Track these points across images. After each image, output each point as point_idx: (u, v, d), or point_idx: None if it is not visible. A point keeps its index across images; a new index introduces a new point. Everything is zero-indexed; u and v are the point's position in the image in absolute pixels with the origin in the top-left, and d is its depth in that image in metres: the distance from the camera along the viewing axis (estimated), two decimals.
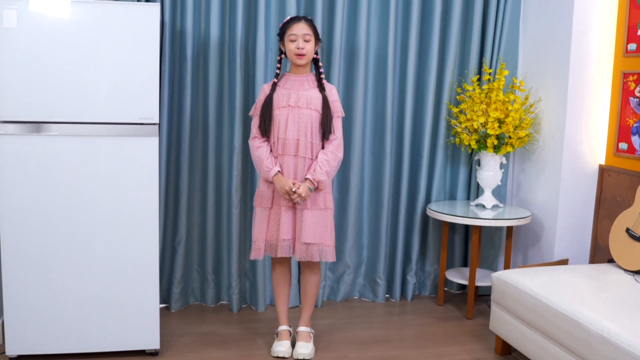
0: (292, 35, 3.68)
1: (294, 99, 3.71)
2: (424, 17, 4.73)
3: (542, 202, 4.62)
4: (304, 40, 3.68)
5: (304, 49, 3.68)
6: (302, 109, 3.70)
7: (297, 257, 3.74)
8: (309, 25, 3.70)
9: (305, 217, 3.71)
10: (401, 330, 4.37)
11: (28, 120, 3.46)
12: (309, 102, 3.72)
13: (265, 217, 3.78)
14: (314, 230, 3.72)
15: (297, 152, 3.71)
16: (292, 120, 3.70)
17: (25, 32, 3.39)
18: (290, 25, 3.69)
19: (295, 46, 3.68)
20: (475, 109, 4.51)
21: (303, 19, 3.71)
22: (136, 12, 3.51)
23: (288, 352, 3.86)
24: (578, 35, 4.32)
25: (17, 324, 3.59)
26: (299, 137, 3.70)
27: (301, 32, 3.67)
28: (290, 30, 3.68)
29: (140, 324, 3.73)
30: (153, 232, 3.67)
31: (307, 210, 3.71)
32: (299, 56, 3.69)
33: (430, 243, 4.98)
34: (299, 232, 3.71)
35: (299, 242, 3.72)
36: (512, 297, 3.67)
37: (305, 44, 3.68)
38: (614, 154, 4.31)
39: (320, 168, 3.69)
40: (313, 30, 3.72)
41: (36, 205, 3.52)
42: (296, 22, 3.69)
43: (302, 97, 3.72)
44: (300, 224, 3.71)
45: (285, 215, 3.72)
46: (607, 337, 2.94)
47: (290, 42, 3.69)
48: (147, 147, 3.60)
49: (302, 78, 3.77)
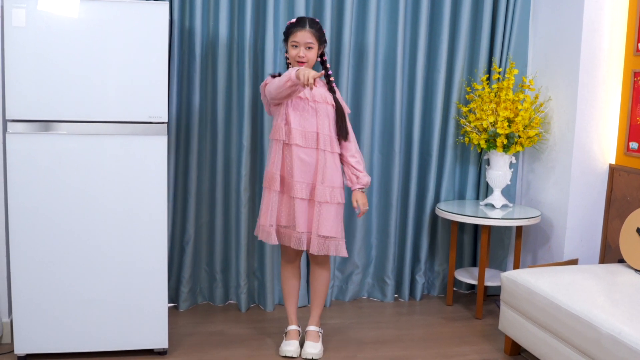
0: (294, 42, 3.67)
1: (310, 94, 3.70)
2: (433, 16, 4.72)
3: (551, 202, 4.60)
4: (306, 48, 3.66)
5: (304, 57, 3.66)
6: (319, 103, 3.70)
7: (312, 250, 3.70)
8: (313, 33, 3.66)
9: (324, 210, 3.69)
10: (410, 330, 4.35)
11: (37, 119, 3.47)
12: (323, 97, 3.71)
13: (276, 201, 3.74)
14: (332, 224, 3.71)
15: (317, 145, 3.69)
16: (310, 112, 3.69)
17: (34, 31, 3.39)
18: (294, 31, 3.67)
19: (296, 53, 3.66)
20: (485, 108, 4.50)
21: (308, 25, 3.67)
22: (145, 10, 3.51)
23: (296, 352, 3.86)
24: (588, 34, 4.30)
25: (26, 323, 3.60)
26: (318, 130, 3.68)
27: (303, 40, 3.64)
28: (294, 37, 3.66)
29: (149, 323, 3.73)
30: (161, 231, 3.67)
31: (326, 204, 3.69)
32: (299, 63, 3.67)
33: (439, 243, 4.97)
34: (317, 224, 3.69)
35: (315, 235, 3.69)
36: (521, 297, 3.65)
37: (307, 52, 3.66)
38: (624, 154, 4.29)
39: (359, 171, 3.78)
40: (317, 37, 3.68)
41: (45, 204, 3.52)
42: (300, 30, 3.65)
43: (316, 92, 3.71)
44: (319, 217, 3.68)
45: (300, 207, 3.70)
46: (619, 337, 2.92)
47: (292, 47, 3.68)
48: (156, 145, 3.59)
49: None
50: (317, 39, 3.69)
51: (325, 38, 3.77)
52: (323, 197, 3.68)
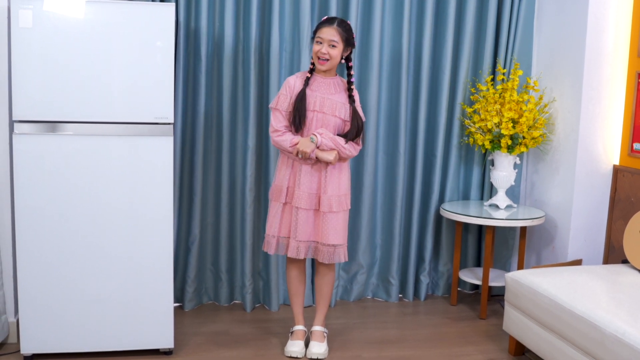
0: (318, 38, 3.64)
1: (319, 104, 3.69)
2: (438, 17, 4.73)
3: (556, 203, 4.61)
4: (329, 46, 3.63)
5: (326, 54, 3.62)
6: (327, 115, 3.69)
7: (322, 259, 3.73)
8: (339, 32, 3.62)
9: (332, 219, 3.71)
10: (414, 330, 4.36)
11: (43, 120, 3.48)
12: (333, 109, 3.69)
13: (279, 212, 3.77)
14: (340, 232, 3.75)
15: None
16: (319, 125, 3.69)
17: (40, 32, 3.41)
18: (320, 27, 3.65)
19: (318, 49, 3.64)
20: (489, 109, 4.50)
21: (336, 23, 3.64)
22: (151, 11, 3.53)
23: (301, 352, 3.87)
24: (593, 35, 4.31)
25: (32, 323, 3.61)
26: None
27: (328, 37, 3.61)
28: (319, 32, 3.64)
29: (155, 323, 3.74)
30: (167, 231, 3.68)
31: (332, 214, 3.71)
32: (321, 61, 3.66)
33: (443, 243, 4.98)
34: (326, 234, 3.71)
35: (324, 245, 3.71)
36: (526, 298, 3.66)
37: (330, 50, 3.62)
38: (628, 154, 4.29)
39: (343, 147, 3.66)
40: (343, 37, 3.64)
41: (51, 204, 3.54)
42: (327, 26, 3.63)
43: (326, 102, 3.69)
44: (327, 226, 3.70)
45: (303, 217, 3.71)
46: (622, 338, 2.93)
47: (317, 43, 3.65)
48: (162, 146, 3.61)
49: (328, 81, 3.74)
50: (343, 39, 3.64)
51: (353, 41, 3.73)
52: (329, 207, 3.70)
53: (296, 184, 3.71)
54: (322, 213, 3.70)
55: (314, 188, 3.71)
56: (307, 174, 3.70)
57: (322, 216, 3.70)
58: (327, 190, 3.70)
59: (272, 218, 3.80)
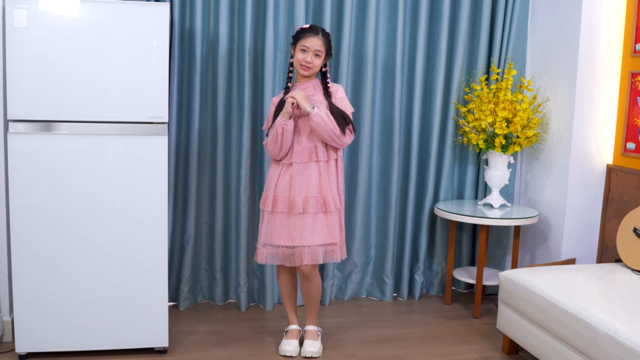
0: (304, 47, 3.67)
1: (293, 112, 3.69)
2: (432, 17, 4.74)
3: (549, 202, 4.62)
4: (314, 55, 3.67)
5: (310, 63, 3.67)
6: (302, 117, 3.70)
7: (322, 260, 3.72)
8: (324, 42, 3.68)
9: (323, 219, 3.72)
10: (409, 329, 4.37)
11: (38, 119, 3.49)
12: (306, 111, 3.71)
13: (267, 220, 3.78)
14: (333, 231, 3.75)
15: (317, 158, 3.71)
16: (304, 128, 3.71)
17: (35, 31, 3.41)
18: (305, 36, 3.67)
19: (303, 58, 3.67)
20: (484, 108, 4.52)
21: (321, 33, 3.68)
22: (146, 11, 3.53)
23: (296, 351, 3.87)
24: (586, 35, 4.32)
25: (27, 321, 3.62)
26: (316, 142, 3.71)
27: (314, 47, 3.66)
28: (304, 42, 3.66)
29: (149, 322, 3.75)
30: (162, 230, 3.69)
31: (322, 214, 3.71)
32: (304, 68, 3.69)
33: (437, 242, 4.99)
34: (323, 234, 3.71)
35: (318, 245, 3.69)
36: (519, 297, 3.67)
37: (314, 59, 3.67)
38: (621, 154, 4.31)
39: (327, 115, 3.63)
40: (326, 47, 3.70)
41: (46, 203, 3.54)
42: (313, 36, 3.66)
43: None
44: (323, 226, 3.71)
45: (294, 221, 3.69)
46: (615, 336, 2.94)
47: (301, 51, 3.68)
48: (157, 146, 3.61)
49: (307, 84, 3.77)
50: (326, 49, 3.71)
51: (331, 51, 3.80)
52: (319, 208, 3.70)
53: (284, 190, 3.71)
54: (311, 215, 3.69)
55: (303, 192, 3.70)
56: (297, 179, 3.70)
57: (313, 218, 3.69)
58: (320, 191, 3.70)
59: (261, 227, 3.84)
